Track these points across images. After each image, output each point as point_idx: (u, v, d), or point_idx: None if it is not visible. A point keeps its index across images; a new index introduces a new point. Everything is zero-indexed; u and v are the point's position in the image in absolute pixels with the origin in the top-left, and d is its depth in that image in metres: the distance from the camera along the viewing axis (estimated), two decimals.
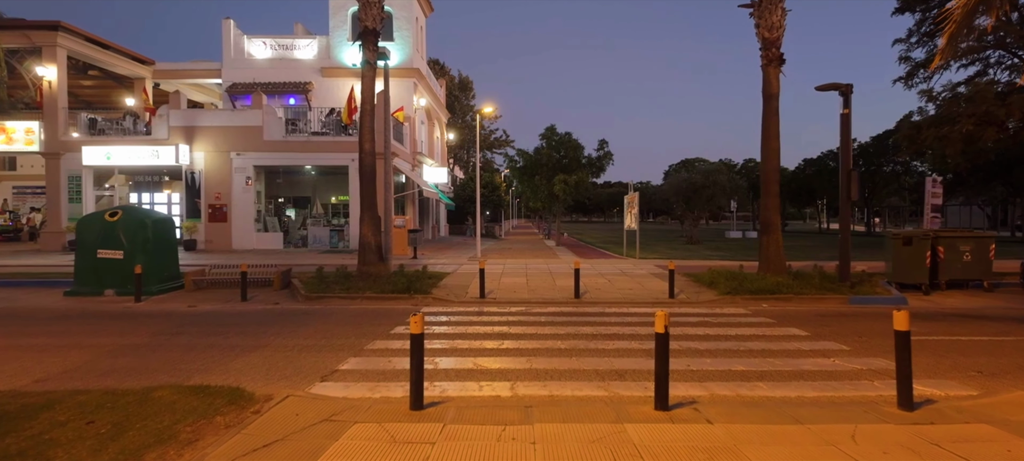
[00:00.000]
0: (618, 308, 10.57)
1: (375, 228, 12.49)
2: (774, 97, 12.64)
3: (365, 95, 12.76)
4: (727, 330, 8.49)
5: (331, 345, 7.47)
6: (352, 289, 11.71)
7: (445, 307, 10.67)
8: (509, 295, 11.87)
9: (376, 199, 12.70)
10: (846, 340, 7.81)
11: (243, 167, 23.52)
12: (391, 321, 9.21)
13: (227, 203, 23.55)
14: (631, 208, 21.56)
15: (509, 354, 6.98)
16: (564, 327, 8.67)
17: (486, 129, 56.91)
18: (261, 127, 23.37)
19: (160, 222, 13.15)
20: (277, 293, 12.55)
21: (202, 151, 23.48)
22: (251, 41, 28.09)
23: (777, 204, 12.80)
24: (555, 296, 11.72)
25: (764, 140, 12.75)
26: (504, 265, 18.04)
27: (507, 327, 8.66)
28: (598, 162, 30.31)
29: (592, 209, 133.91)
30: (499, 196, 46.54)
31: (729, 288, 11.67)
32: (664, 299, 11.41)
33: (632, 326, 8.75)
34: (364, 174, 12.58)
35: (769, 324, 9.04)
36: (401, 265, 14.51)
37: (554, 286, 13.04)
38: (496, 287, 12.89)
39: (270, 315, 9.95)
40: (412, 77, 28.13)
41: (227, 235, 23.53)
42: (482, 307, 10.66)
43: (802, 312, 10.23)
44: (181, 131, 23.35)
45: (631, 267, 17.45)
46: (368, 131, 12.63)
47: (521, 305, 10.88)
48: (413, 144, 28.69)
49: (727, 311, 10.27)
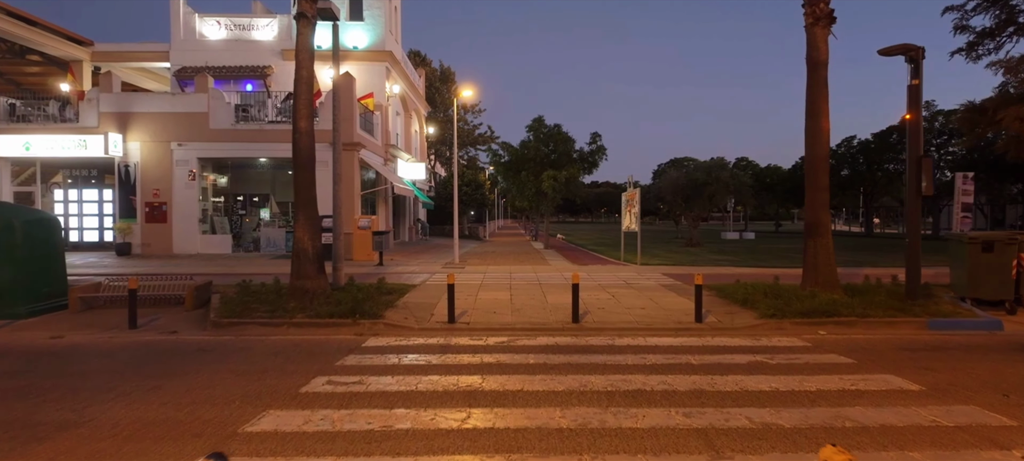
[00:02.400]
0: (633, 338, 7.87)
1: (312, 231, 9.65)
2: (822, 65, 10.04)
3: (300, 58, 9.98)
4: (798, 380, 5.82)
5: (194, 421, 4.66)
6: (278, 312, 8.87)
7: (398, 339, 7.88)
8: (487, 317, 9.12)
9: (313, 193, 9.87)
10: (984, 397, 5.18)
11: (186, 159, 20.48)
12: (315, 365, 6.42)
13: (167, 201, 20.49)
14: (630, 207, 18.92)
15: (477, 443, 4.23)
16: (563, 376, 5.94)
17: (469, 124, 54.04)
18: (207, 113, 20.34)
19: (37, 223, 10.15)
20: (185, 315, 9.66)
21: (138, 141, 20.39)
22: (203, 20, 25.02)
23: (826, 200, 10.19)
24: (547, 319, 8.99)
25: (810, 119, 10.14)
26: (485, 274, 15.27)
27: (479, 378, 5.91)
28: (590, 157, 27.67)
29: (580, 209, 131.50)
30: (483, 195, 43.73)
31: (771, 309, 9.03)
32: (689, 323, 8.74)
33: (663, 373, 6.05)
34: (298, 161, 9.76)
35: (849, 368, 6.40)
36: (351, 277, 11.67)
37: (545, 304, 10.31)
38: (472, 305, 10.13)
39: (150, 354, 7.09)
40: (384, 61, 25.24)
41: (167, 238, 20.47)
42: (449, 338, 7.90)
43: (877, 343, 7.63)
44: (113, 118, 20.25)
45: (635, 276, 14.78)
46: (304, 105, 9.83)
47: (502, 333, 8.14)
48: (386, 136, 25.81)
49: (779, 344, 7.62)
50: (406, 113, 31.87)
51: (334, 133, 11.84)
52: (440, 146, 48.78)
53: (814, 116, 10.05)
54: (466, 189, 41.02)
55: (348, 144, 20.43)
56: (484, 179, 45.32)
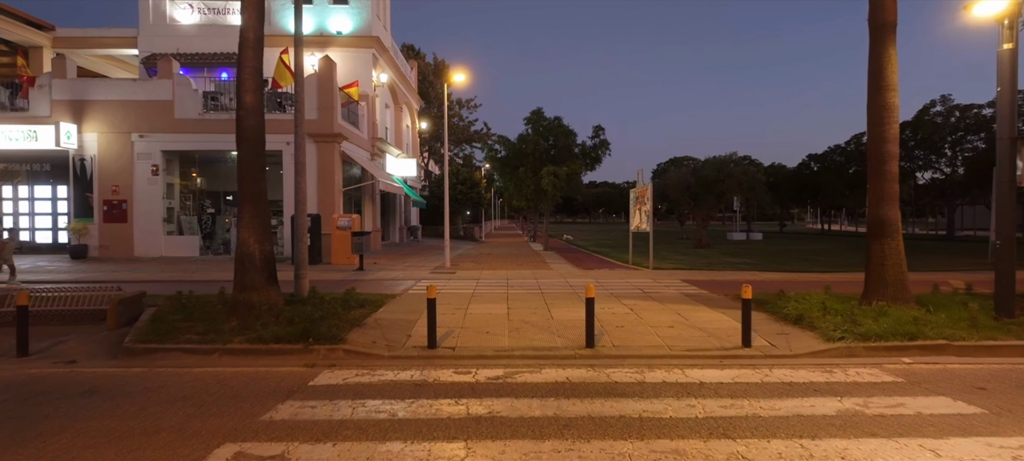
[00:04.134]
0: (668, 371, 6.00)
1: (259, 230, 7.73)
2: (889, 27, 8.20)
3: (246, 18, 8.09)
4: (926, 446, 3.96)
5: None
6: (211, 333, 6.96)
7: (359, 373, 5.98)
8: (479, 339, 7.23)
9: (262, 185, 7.94)
10: None
11: (148, 152, 18.53)
12: (231, 420, 4.53)
13: (128, 198, 18.53)
14: (641, 204, 17.03)
15: None
16: (584, 441, 4.06)
17: (464, 120, 52.09)
18: (172, 101, 18.40)
19: None
20: (103, 337, 7.73)
21: (95, 132, 18.43)
22: (175, 3, 23.08)
23: (896, 193, 8.30)
24: (554, 342, 7.11)
25: (875, 93, 8.29)
26: (478, 281, 13.38)
27: (462, 446, 4.03)
28: (593, 152, 25.78)
29: (577, 210, 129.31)
30: (479, 194, 41.78)
31: (838, 329, 7.16)
32: (735, 348, 6.86)
33: (726, 432, 4.18)
34: (244, 143, 7.85)
35: (985, 422, 4.54)
36: (314, 287, 9.75)
37: (550, 321, 8.42)
38: (460, 323, 8.24)
39: (16, 398, 5.19)
40: (370, 47, 23.32)
41: (128, 239, 18.51)
42: (427, 372, 6.01)
43: (989, 377, 5.80)
44: (67, 106, 18.28)
45: (650, 283, 12.89)
46: (249, 75, 7.97)
47: (497, 363, 6.26)
48: (372, 128, 23.89)
49: (861, 379, 5.77)
50: (396, 106, 29.94)
51: (296, 111, 9.95)
52: (434, 143, 46.86)
53: (881, 90, 8.20)
54: (461, 188, 39.09)
55: (328, 135, 18.53)
56: (480, 177, 43.37)
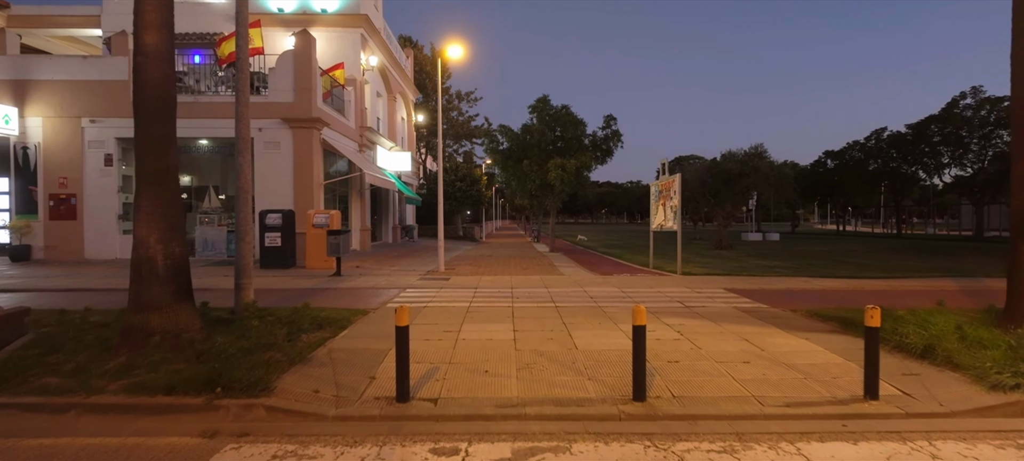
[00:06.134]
0: (771, 446, 3.73)
1: (163, 227, 5.42)
2: None
3: None
4: None
5: None
6: (80, 375, 4.68)
7: (281, 455, 3.69)
8: (472, 384, 4.94)
9: (168, 162, 5.61)
10: None
11: (101, 139, 16.27)
12: None
13: (77, 192, 16.25)
14: (666, 198, 14.74)
15: None
16: None
17: (464, 115, 49.79)
18: (128, 82, 16.10)
19: None
20: None
21: (40, 116, 16.18)
22: None
23: None
24: (584, 390, 4.82)
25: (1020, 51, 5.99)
26: (476, 289, 11.06)
27: None
28: (604, 143, 23.46)
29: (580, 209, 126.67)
30: (479, 192, 39.45)
31: (1007, 371, 4.86)
32: (855, 400, 4.58)
33: None
34: (143, 103, 5.56)
35: None
36: (254, 301, 7.43)
37: (573, 351, 6.12)
38: (448, 355, 5.94)
39: None
40: (358, 26, 21.04)
41: (78, 238, 16.24)
42: (387, 451, 3.72)
43: None
44: (7, 86, 16.04)
45: (689, 293, 10.56)
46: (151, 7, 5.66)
47: (501, 433, 3.99)
48: (360, 117, 21.61)
49: None
50: (390, 95, 27.67)
51: (239, 74, 7.67)
52: (432, 139, 44.58)
53: None
54: (460, 185, 36.78)
55: (305, 120, 16.26)
56: (480, 174, 41.07)
